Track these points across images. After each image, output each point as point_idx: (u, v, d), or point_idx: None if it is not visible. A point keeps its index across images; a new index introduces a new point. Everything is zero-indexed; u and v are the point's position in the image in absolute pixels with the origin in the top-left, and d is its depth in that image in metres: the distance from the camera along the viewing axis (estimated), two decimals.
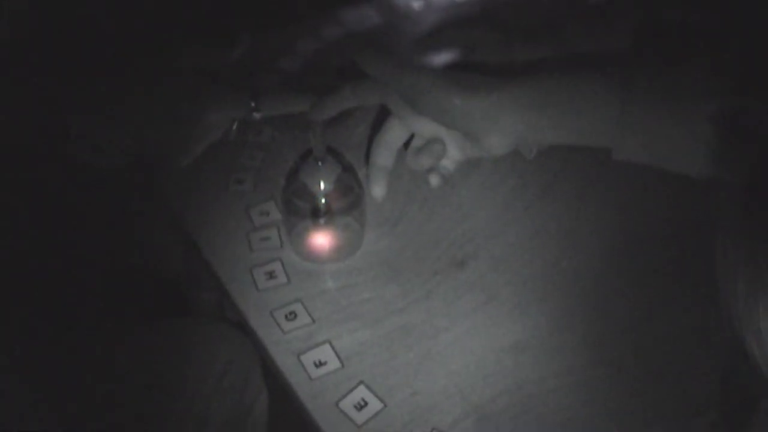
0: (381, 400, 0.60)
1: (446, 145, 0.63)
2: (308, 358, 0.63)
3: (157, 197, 0.75)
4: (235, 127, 0.69)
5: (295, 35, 0.81)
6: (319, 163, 0.65)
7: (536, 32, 0.64)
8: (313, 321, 0.64)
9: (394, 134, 0.65)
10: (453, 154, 0.64)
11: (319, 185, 0.65)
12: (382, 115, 0.66)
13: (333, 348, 0.63)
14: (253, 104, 0.67)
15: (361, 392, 0.61)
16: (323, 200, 0.65)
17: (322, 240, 0.67)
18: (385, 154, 0.65)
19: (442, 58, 0.66)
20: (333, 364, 0.62)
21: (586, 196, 0.72)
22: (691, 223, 0.66)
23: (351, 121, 0.76)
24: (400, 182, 0.72)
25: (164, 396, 0.70)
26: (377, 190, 0.66)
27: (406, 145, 0.66)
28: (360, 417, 0.59)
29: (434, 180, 0.65)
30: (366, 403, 0.60)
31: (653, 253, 0.67)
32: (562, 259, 0.68)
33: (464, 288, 0.66)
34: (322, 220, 0.66)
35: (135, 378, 0.70)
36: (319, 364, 0.62)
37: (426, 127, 0.63)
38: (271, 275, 0.68)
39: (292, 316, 0.65)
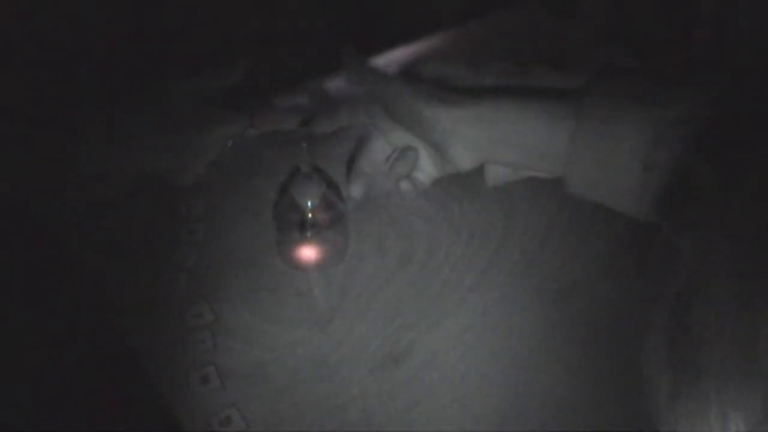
0: None
1: (420, 157, 0.68)
2: None
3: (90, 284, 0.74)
4: (230, 144, 0.73)
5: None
6: (306, 179, 0.68)
7: (507, 71, 0.68)
8: (248, 426, 0.63)
9: (376, 146, 0.70)
10: (427, 168, 0.69)
11: (306, 200, 0.68)
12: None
13: None
14: (248, 122, 0.72)
15: None
16: (310, 214, 0.68)
17: (308, 252, 0.70)
18: (366, 162, 0.70)
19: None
20: None
21: (520, 285, 0.72)
22: (634, 301, 0.68)
23: (336, 140, 0.77)
24: (335, 276, 0.72)
25: None
26: (356, 190, 0.70)
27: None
28: None
29: (404, 185, 0.69)
30: None
31: (594, 338, 0.68)
32: (498, 350, 0.68)
33: (400, 386, 0.66)
34: (308, 233, 0.69)
35: None
36: None
37: (403, 140, 0.68)
38: (205, 380, 0.67)
39: (227, 421, 0.64)
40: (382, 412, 0.64)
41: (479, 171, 0.72)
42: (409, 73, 0.71)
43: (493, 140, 0.63)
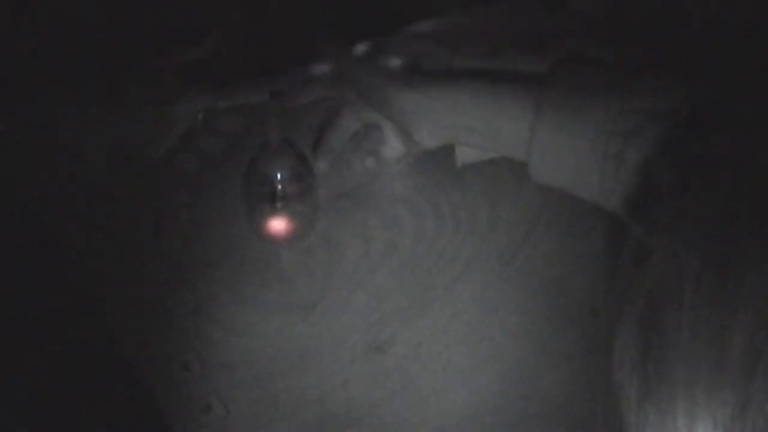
0: None
1: (388, 134, 0.70)
2: None
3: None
4: (200, 117, 0.74)
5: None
6: (276, 151, 0.69)
7: (480, 53, 0.68)
8: (229, 413, 0.63)
9: (346, 121, 0.71)
10: (394, 145, 0.70)
11: (276, 172, 0.69)
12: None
13: None
14: (219, 93, 0.73)
15: None
16: (279, 186, 0.69)
17: (278, 223, 0.71)
18: (335, 137, 0.72)
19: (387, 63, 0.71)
20: None
21: (506, 274, 0.72)
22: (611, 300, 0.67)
23: (307, 112, 0.77)
24: (318, 264, 0.72)
25: None
26: (322, 164, 0.72)
27: None
28: None
29: (369, 162, 0.72)
30: None
31: (577, 331, 0.67)
32: (482, 340, 0.67)
33: (383, 374, 0.65)
34: (278, 205, 0.70)
35: None
36: None
37: (372, 116, 0.69)
38: (185, 366, 0.66)
39: (207, 408, 0.64)
40: (364, 401, 0.64)
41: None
42: (379, 51, 0.70)
43: (455, 124, 0.63)
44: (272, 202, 0.70)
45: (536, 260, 0.73)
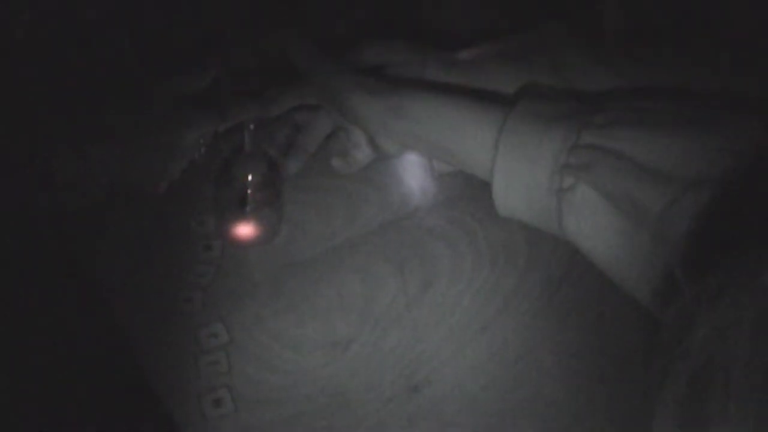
0: None
1: (358, 136, 0.68)
2: None
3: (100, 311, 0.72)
4: (202, 150, 0.74)
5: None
6: (249, 158, 0.71)
7: (453, 60, 0.67)
8: None
9: (319, 123, 0.71)
10: (363, 147, 0.68)
11: (247, 178, 0.71)
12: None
13: None
14: (219, 118, 0.73)
15: None
16: (249, 191, 0.71)
17: (245, 227, 0.73)
18: (308, 139, 0.72)
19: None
20: None
21: (544, 314, 0.70)
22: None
23: (279, 123, 0.78)
24: (354, 300, 0.70)
25: None
26: (293, 166, 0.72)
27: None
28: None
29: (335, 162, 0.70)
30: None
31: (620, 374, 0.65)
32: (521, 383, 0.66)
33: (419, 416, 0.64)
34: (248, 209, 0.72)
35: None
36: None
37: (343, 119, 0.68)
38: (218, 403, 0.65)
39: None
40: None
41: None
42: (348, 56, 0.69)
43: (414, 136, 0.62)
44: (242, 206, 0.72)
45: (577, 298, 0.71)
